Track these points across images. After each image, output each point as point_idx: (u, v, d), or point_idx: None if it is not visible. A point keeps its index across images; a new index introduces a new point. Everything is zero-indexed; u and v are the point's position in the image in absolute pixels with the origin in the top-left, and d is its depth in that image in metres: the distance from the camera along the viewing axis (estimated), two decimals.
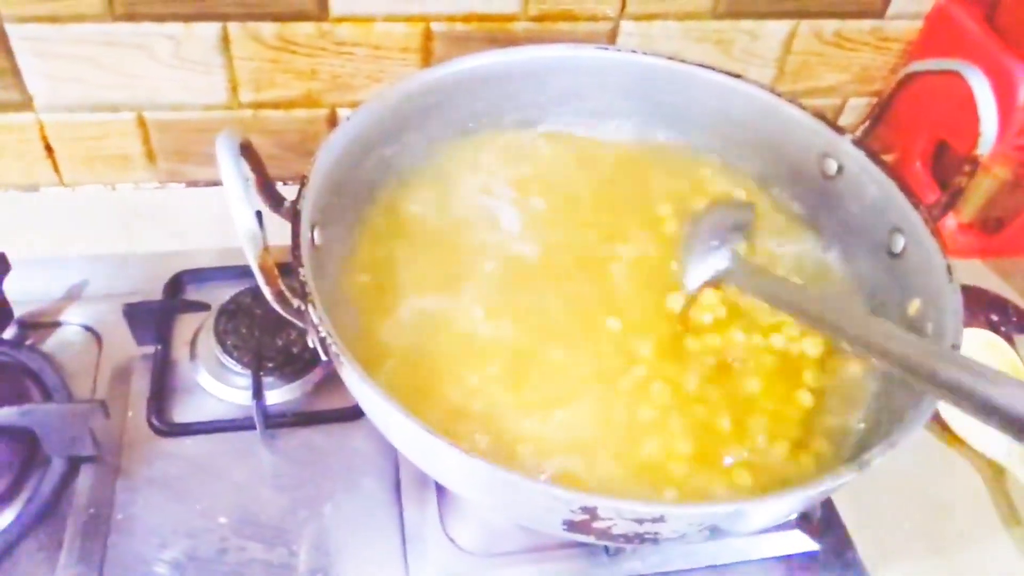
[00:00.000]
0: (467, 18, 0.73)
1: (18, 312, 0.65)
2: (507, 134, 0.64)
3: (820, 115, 0.59)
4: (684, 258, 0.57)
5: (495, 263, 0.56)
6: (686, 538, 0.41)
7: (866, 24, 0.81)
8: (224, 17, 0.69)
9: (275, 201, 0.49)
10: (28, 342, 0.65)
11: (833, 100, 0.87)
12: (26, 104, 0.72)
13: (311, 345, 0.45)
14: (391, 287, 0.54)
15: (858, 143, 0.58)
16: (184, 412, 0.62)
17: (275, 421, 0.61)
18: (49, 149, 0.76)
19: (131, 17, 0.68)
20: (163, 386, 0.63)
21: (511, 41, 0.75)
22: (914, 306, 0.52)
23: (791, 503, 0.42)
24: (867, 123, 0.59)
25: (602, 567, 0.56)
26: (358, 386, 0.42)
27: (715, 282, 0.56)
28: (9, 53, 0.69)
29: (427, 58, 0.76)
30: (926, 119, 0.81)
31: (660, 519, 0.39)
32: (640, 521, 0.39)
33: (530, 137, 0.65)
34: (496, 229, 0.58)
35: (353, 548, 0.56)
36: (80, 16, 0.67)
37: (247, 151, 0.45)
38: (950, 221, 0.82)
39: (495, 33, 0.75)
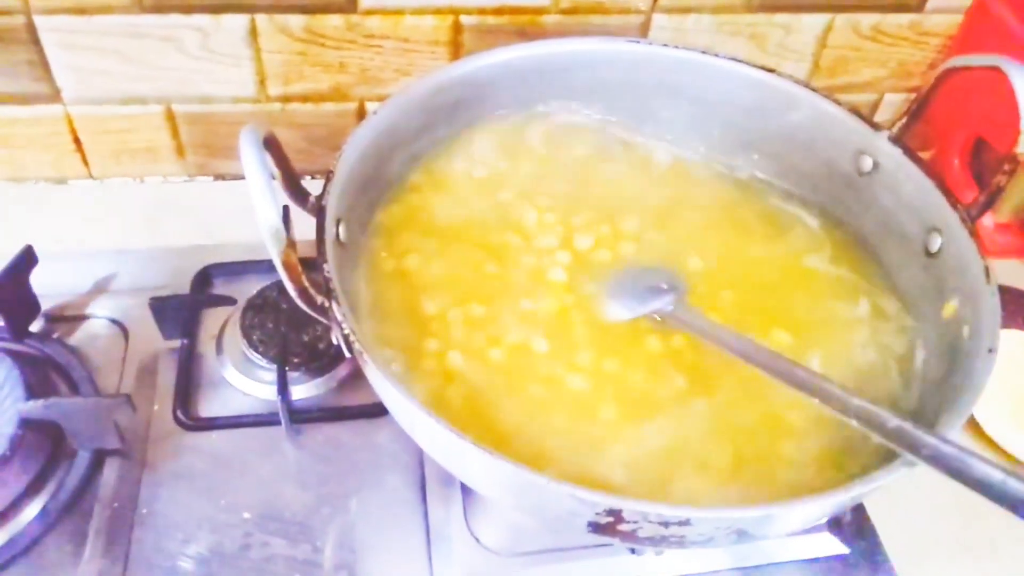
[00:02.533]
0: (497, 11, 0.73)
1: (45, 305, 0.66)
2: (537, 130, 0.63)
3: (856, 111, 0.58)
4: (616, 291, 0.55)
5: (522, 263, 0.55)
6: (713, 542, 0.40)
7: (904, 18, 0.79)
8: (252, 9, 0.69)
9: (300, 197, 0.49)
10: (55, 335, 0.65)
11: (869, 96, 0.85)
12: (54, 96, 0.73)
13: (335, 342, 0.45)
14: (417, 286, 0.53)
15: (895, 140, 0.56)
16: (210, 406, 0.62)
17: (300, 416, 0.61)
18: (77, 142, 0.77)
19: (158, 9, 0.68)
20: (189, 380, 0.63)
21: (541, 34, 0.74)
22: (950, 307, 0.51)
23: (821, 507, 0.41)
24: (904, 119, 0.57)
25: (627, 567, 0.56)
26: (382, 385, 0.42)
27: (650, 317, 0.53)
28: (37, 45, 0.69)
29: (456, 51, 0.75)
30: (964, 115, 0.79)
31: (686, 522, 0.38)
32: (666, 524, 0.38)
33: (558, 133, 0.64)
34: (525, 232, 0.57)
35: (377, 545, 0.56)
36: (108, 7, 0.67)
37: (271, 145, 0.44)
38: (987, 220, 0.80)
39: (525, 26, 0.74)
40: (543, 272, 0.55)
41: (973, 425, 0.65)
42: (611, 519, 0.38)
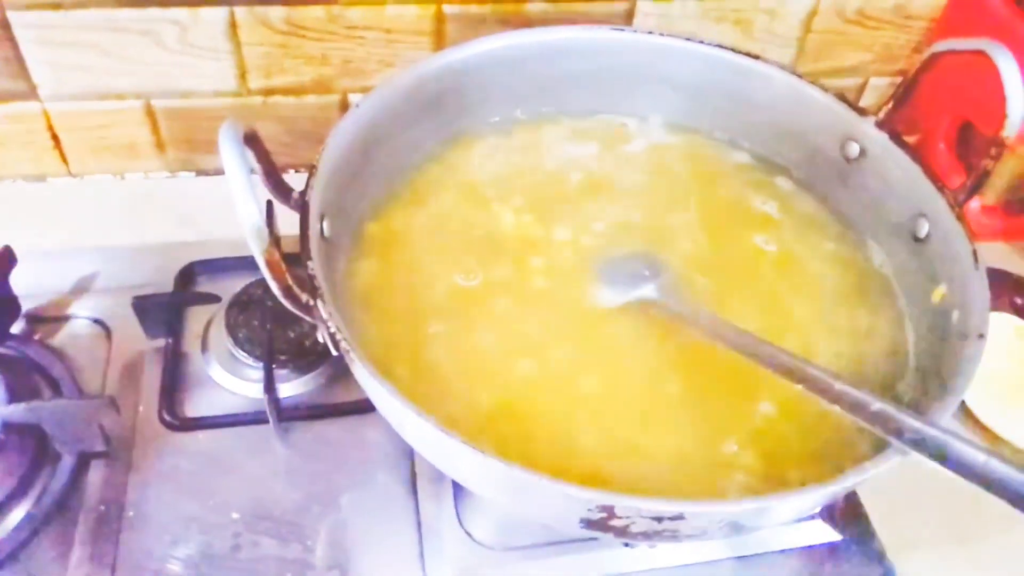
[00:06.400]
0: None
1: (26, 306, 0.65)
2: (521, 120, 0.63)
3: (842, 97, 0.58)
4: (601, 280, 0.54)
5: (508, 259, 0.55)
6: (707, 535, 0.40)
7: (888, 1, 0.78)
8: (231, 1, 0.68)
9: (283, 193, 0.48)
10: (37, 336, 0.64)
11: (854, 80, 0.85)
12: (31, 93, 0.72)
13: (321, 340, 0.44)
14: (405, 281, 0.53)
15: (881, 126, 0.56)
16: (196, 406, 0.61)
17: (288, 414, 0.60)
18: (56, 139, 0.75)
19: (136, 2, 0.67)
20: (174, 380, 0.62)
21: (525, 23, 0.73)
22: (939, 293, 0.51)
23: (814, 498, 0.41)
24: (890, 104, 0.57)
25: (621, 560, 0.55)
26: (369, 383, 0.41)
27: (637, 305, 0.53)
28: (12, 41, 0.68)
29: (440, 41, 0.74)
30: (950, 99, 0.79)
31: (679, 517, 0.38)
32: (659, 519, 0.38)
33: (542, 124, 0.63)
34: (509, 223, 0.57)
35: (369, 542, 0.55)
36: (84, 2, 0.66)
37: (252, 141, 0.43)
38: (974, 203, 0.80)
39: (509, 15, 0.73)
40: (525, 260, 0.55)
41: (963, 409, 0.65)
42: (604, 515, 0.38)
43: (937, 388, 0.45)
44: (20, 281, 0.64)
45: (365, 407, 0.61)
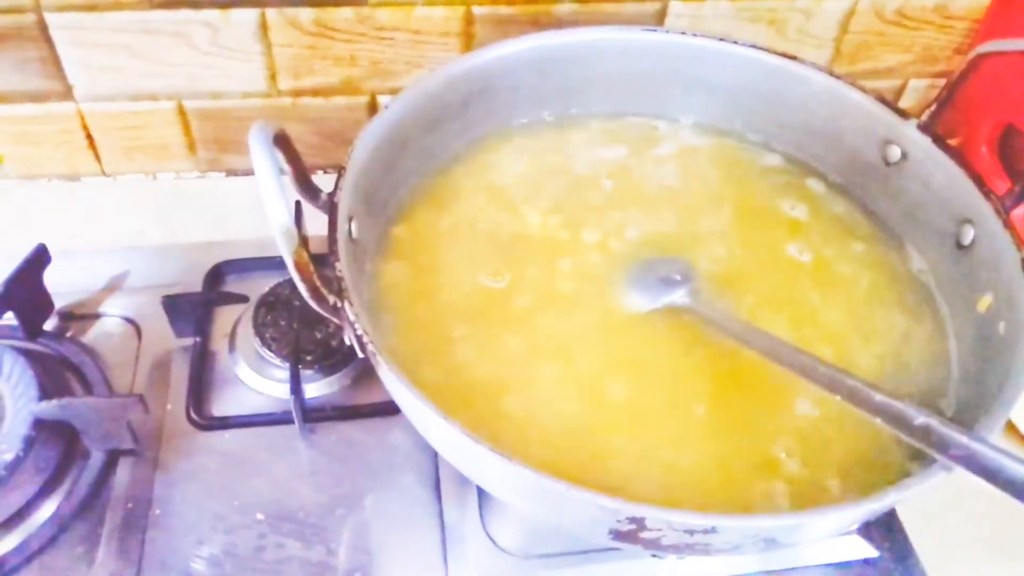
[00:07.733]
0: (510, 0, 0.71)
1: (59, 303, 0.65)
2: (548, 122, 0.62)
3: (883, 99, 0.56)
4: (631, 282, 0.53)
5: (536, 262, 0.54)
6: (739, 549, 0.39)
7: (929, 1, 0.77)
8: (262, 3, 0.68)
9: (312, 194, 0.48)
10: (69, 334, 0.65)
11: (892, 82, 0.83)
12: (66, 94, 0.72)
13: (348, 343, 0.44)
14: (432, 283, 0.52)
15: (924, 129, 0.54)
16: (223, 405, 0.61)
17: (314, 415, 0.60)
18: (90, 139, 0.76)
19: (168, 4, 0.67)
20: (202, 379, 0.62)
21: (555, 24, 0.73)
22: (984, 302, 0.49)
23: (853, 515, 0.39)
24: (934, 107, 0.55)
25: (648, 570, 0.54)
26: (395, 386, 0.41)
27: (667, 311, 0.52)
28: (49, 42, 0.68)
29: (468, 42, 0.74)
30: (994, 101, 0.77)
31: (712, 531, 0.37)
32: (691, 532, 0.37)
33: (570, 126, 0.63)
34: (536, 226, 0.56)
35: (392, 546, 0.55)
36: (118, 4, 0.67)
37: (282, 142, 0.43)
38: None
39: (538, 16, 0.72)
40: (553, 263, 0.54)
41: (1007, 424, 0.63)
42: (634, 527, 0.37)
43: (983, 402, 0.44)
44: (53, 279, 0.64)
45: (390, 409, 0.60)
